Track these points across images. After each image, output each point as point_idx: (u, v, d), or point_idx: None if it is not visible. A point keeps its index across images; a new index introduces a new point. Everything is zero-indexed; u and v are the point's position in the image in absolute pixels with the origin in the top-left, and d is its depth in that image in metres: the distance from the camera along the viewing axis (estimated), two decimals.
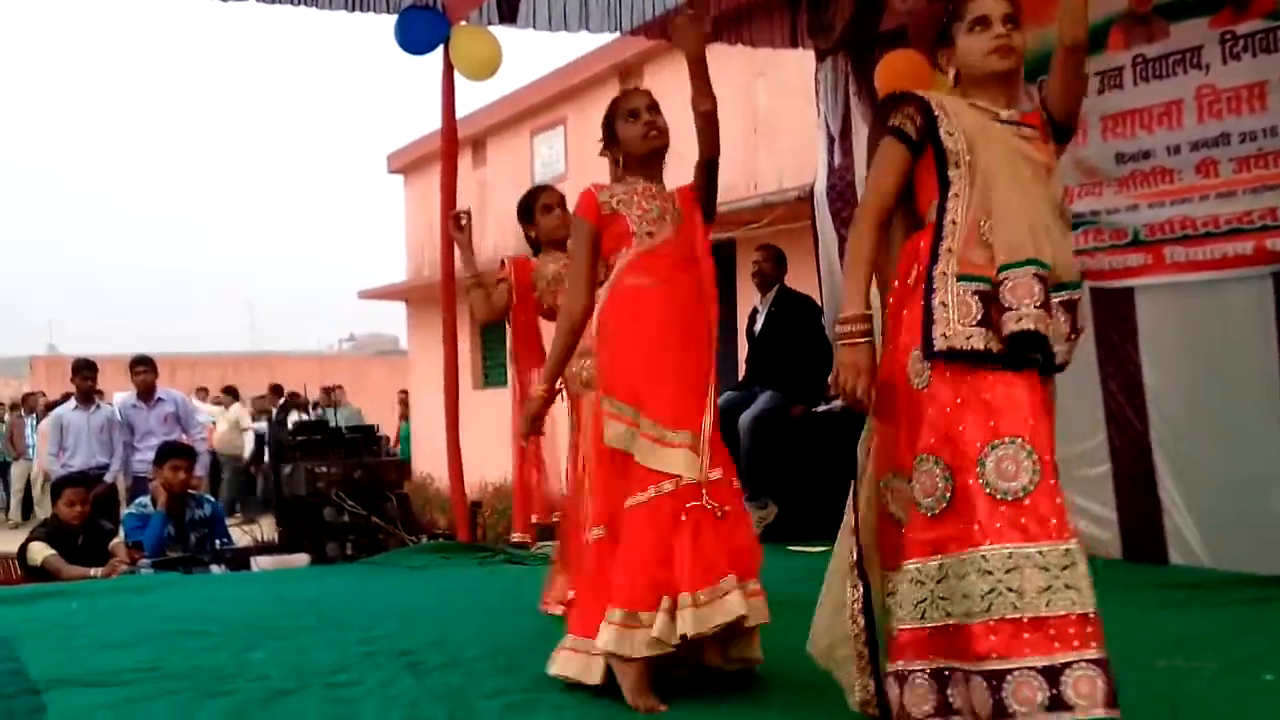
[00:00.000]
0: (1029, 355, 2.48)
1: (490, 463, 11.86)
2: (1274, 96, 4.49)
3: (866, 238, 2.65)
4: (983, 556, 2.37)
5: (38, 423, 11.42)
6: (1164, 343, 4.99)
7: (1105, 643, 2.35)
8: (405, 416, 18.22)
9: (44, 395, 15.42)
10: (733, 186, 10.53)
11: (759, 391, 6.41)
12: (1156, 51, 4.86)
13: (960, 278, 2.50)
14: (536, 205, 4.34)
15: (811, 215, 7.12)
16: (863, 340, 2.58)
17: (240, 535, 6.65)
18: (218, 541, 6.35)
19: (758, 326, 6.69)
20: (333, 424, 8.27)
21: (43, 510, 11.51)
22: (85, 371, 8.24)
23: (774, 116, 10.52)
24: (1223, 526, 4.80)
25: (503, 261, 4.55)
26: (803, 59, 7.13)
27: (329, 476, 6.62)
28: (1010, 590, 2.33)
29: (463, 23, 6.37)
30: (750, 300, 7.26)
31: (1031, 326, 2.44)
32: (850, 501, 2.72)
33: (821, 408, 6.36)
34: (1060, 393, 2.65)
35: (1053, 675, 2.30)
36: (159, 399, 7.95)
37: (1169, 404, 4.98)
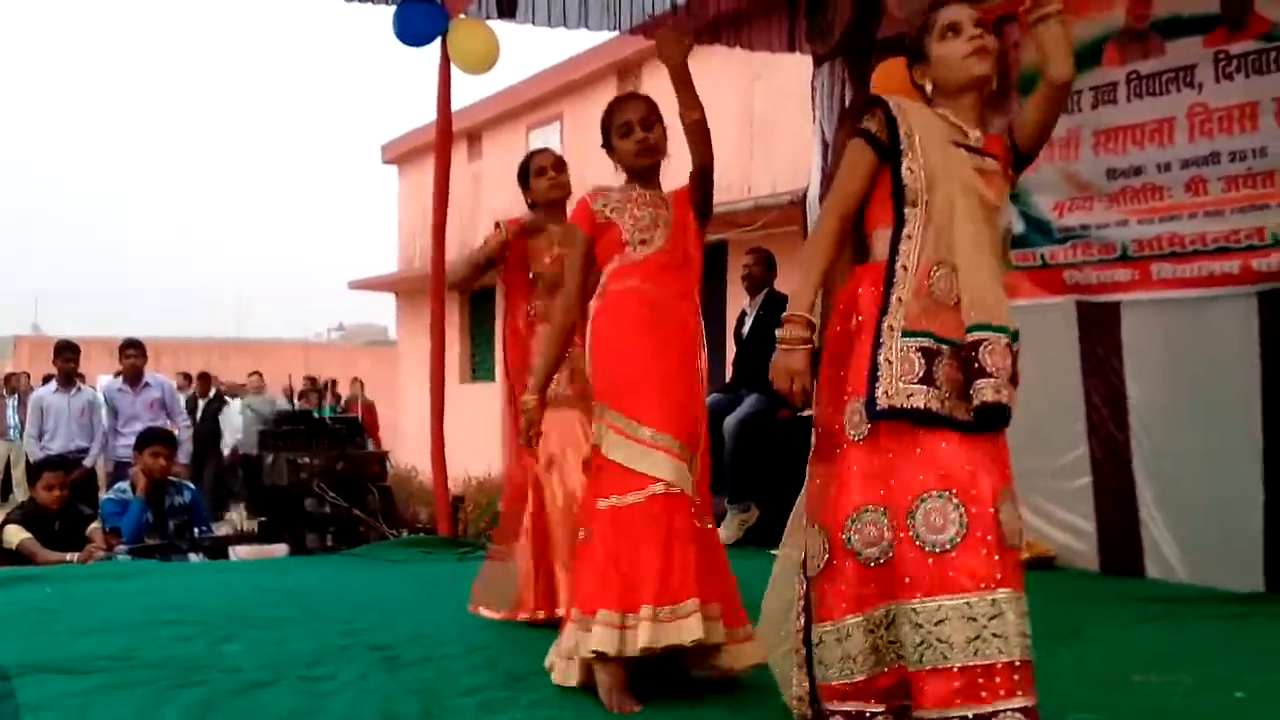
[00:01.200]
0: (992, 425, 2.46)
1: (475, 457, 11.85)
2: (1265, 117, 4.50)
3: (827, 240, 2.63)
4: (913, 609, 2.38)
5: (20, 404, 11.30)
6: (1148, 358, 5.00)
7: (1034, 689, 2.37)
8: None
9: (27, 376, 15.27)
10: (726, 189, 10.54)
11: (745, 394, 6.41)
12: (1151, 68, 4.87)
13: (905, 333, 2.48)
14: (531, 168, 4.31)
15: (803, 220, 7.12)
16: (800, 347, 2.57)
17: (219, 524, 6.62)
18: (196, 530, 6.33)
19: (745, 329, 6.69)
20: (319, 415, 8.26)
21: (21, 492, 11.44)
22: (67, 354, 8.19)
23: (770, 120, 10.53)
24: (1201, 542, 4.81)
25: (497, 223, 4.44)
26: (800, 64, 7.13)
27: (311, 467, 6.61)
28: (940, 641, 2.34)
29: (461, 16, 6.36)
30: (739, 303, 7.27)
31: (1006, 400, 2.44)
32: (798, 505, 2.74)
33: (807, 412, 6.35)
34: (1043, 405, 2.65)
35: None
36: (146, 384, 7.91)
37: (1151, 419, 5.00)
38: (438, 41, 6.32)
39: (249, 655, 3.47)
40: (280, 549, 6.27)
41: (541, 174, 4.27)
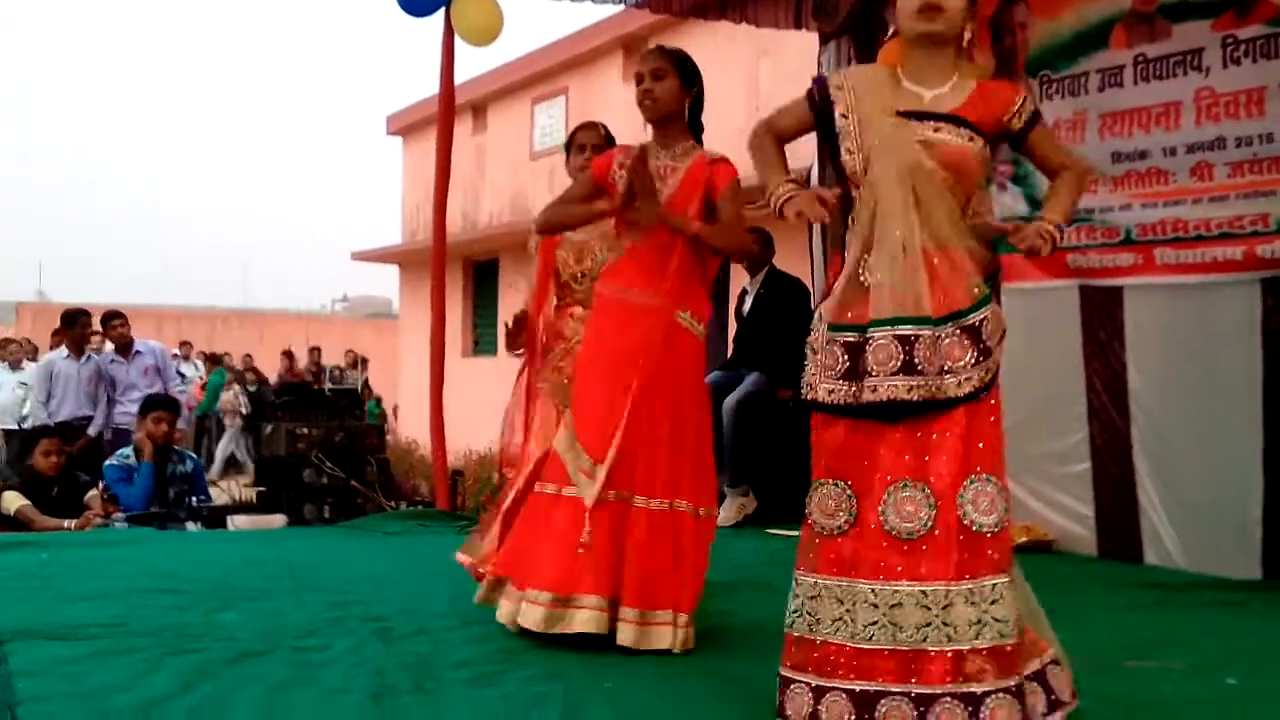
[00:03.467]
0: (893, 416, 2.49)
1: (476, 431, 11.84)
2: (1272, 102, 4.47)
3: (764, 146, 2.73)
4: (795, 580, 2.51)
5: (11, 373, 11.13)
6: (1150, 343, 4.98)
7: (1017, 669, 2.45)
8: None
9: (27, 343, 15.05)
10: None
11: (745, 373, 6.40)
12: (1158, 52, 4.83)
13: (830, 326, 2.54)
14: (573, 145, 4.21)
15: None
16: (797, 190, 2.61)
17: (218, 493, 6.63)
18: (195, 498, 6.34)
19: (746, 307, 6.68)
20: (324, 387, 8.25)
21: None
22: (82, 319, 8.17)
23: (776, 98, 10.37)
24: (1199, 529, 4.81)
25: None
26: (807, 41, 7.08)
27: (309, 438, 6.60)
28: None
29: None
30: (740, 281, 7.25)
31: (884, 398, 2.46)
32: None
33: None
34: (1043, 388, 2.65)
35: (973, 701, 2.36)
36: (137, 352, 7.92)
37: (1152, 404, 4.98)
38: (442, 13, 6.29)
39: (243, 625, 3.48)
40: (278, 519, 6.28)
41: (581, 151, 4.18)
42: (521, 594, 3.29)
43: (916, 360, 2.46)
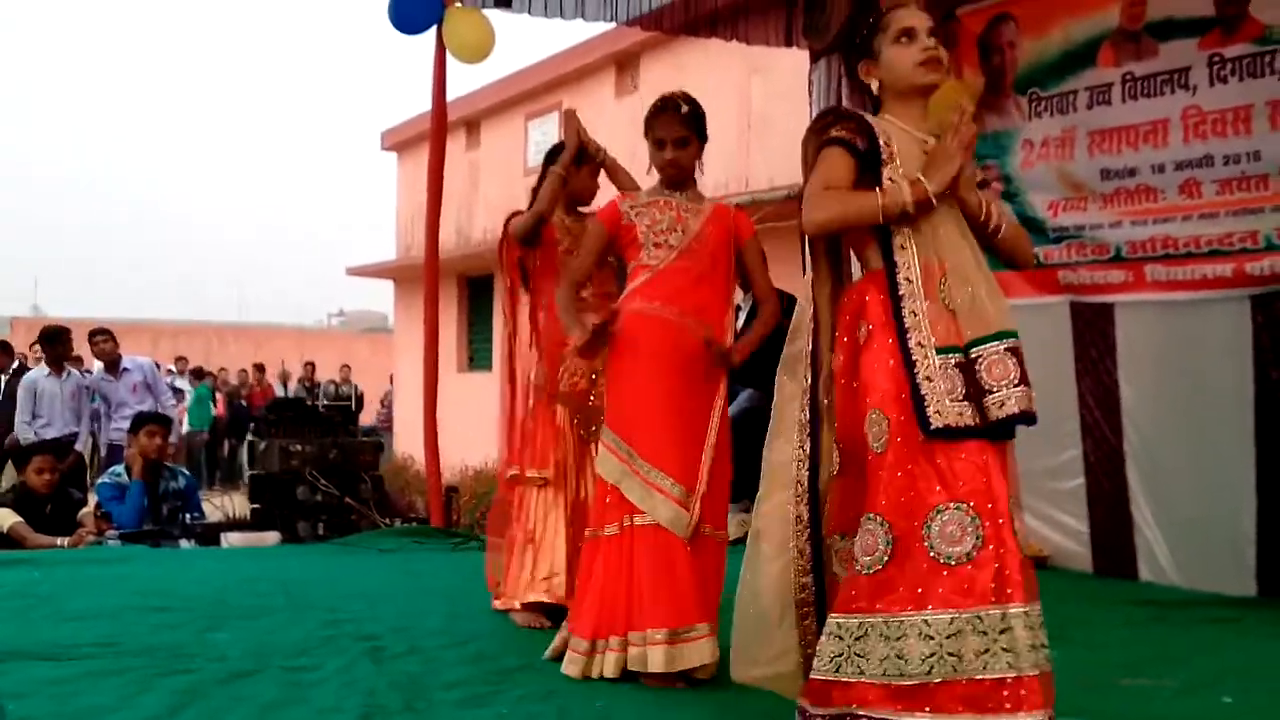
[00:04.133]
0: (1014, 429, 2.48)
1: (471, 447, 11.85)
2: (1259, 120, 4.48)
3: (833, 193, 2.57)
4: (925, 621, 2.37)
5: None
6: (1142, 360, 5.00)
7: (1049, 702, 2.40)
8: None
9: (25, 357, 14.96)
10: (723, 183, 10.52)
11: (739, 389, 6.40)
12: (1145, 70, 4.85)
13: (938, 350, 2.48)
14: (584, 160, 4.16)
15: (799, 215, 7.11)
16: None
17: (211, 510, 6.62)
18: (189, 516, 6.33)
19: (739, 323, 6.67)
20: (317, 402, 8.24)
21: None
22: (57, 339, 8.17)
23: (768, 114, 10.50)
24: (1193, 545, 4.81)
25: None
26: (798, 58, 7.11)
27: (303, 454, 6.60)
28: (950, 655, 2.34)
29: (457, 4, 6.33)
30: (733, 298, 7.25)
31: (1016, 410, 2.45)
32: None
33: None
34: (1036, 405, 2.62)
35: None
36: (125, 369, 7.91)
37: (1144, 421, 4.99)
38: (434, 30, 6.30)
39: (234, 644, 3.47)
40: (272, 536, 6.26)
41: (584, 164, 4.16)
42: (625, 639, 3.18)
43: (1026, 373, 2.48)
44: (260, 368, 18.94)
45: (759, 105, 10.65)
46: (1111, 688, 3.28)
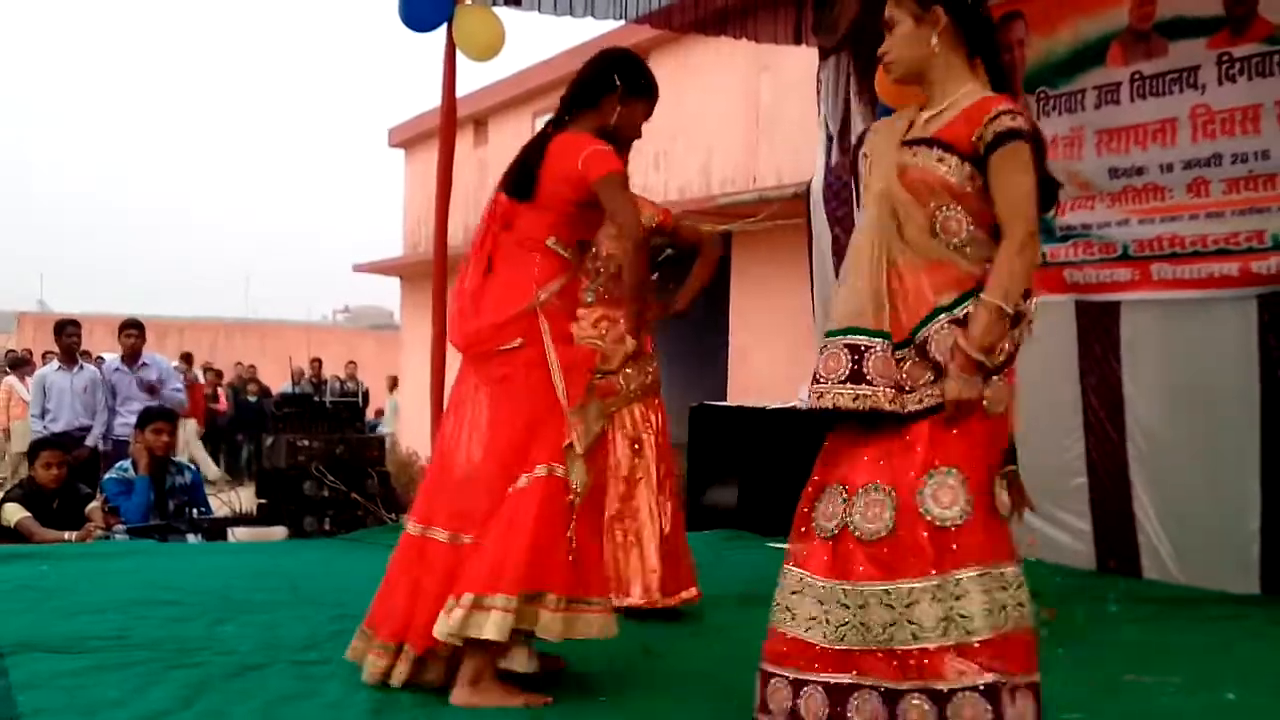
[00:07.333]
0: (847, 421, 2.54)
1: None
2: (1267, 120, 4.49)
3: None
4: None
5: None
6: (1147, 358, 5.00)
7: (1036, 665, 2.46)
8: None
9: (29, 353, 15.03)
10: (731, 180, 10.55)
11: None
12: (1154, 69, 4.85)
13: (826, 333, 2.61)
14: None
15: (807, 212, 7.11)
16: None
17: (218, 505, 6.63)
18: (196, 510, 6.35)
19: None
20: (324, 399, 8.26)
21: None
22: (69, 330, 8.19)
23: (776, 112, 10.50)
24: (1197, 543, 4.82)
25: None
26: (807, 55, 7.11)
27: (310, 450, 6.61)
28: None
29: (467, 1, 6.34)
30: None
31: (830, 405, 2.51)
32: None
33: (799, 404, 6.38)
34: (1040, 402, 2.63)
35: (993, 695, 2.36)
36: (143, 363, 7.93)
37: (1148, 419, 5.00)
38: (444, 27, 6.31)
39: (243, 638, 3.50)
40: (279, 531, 6.28)
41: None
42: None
43: (866, 371, 2.50)
44: (252, 368, 18.86)
45: (768, 102, 10.66)
46: (1116, 685, 3.30)
